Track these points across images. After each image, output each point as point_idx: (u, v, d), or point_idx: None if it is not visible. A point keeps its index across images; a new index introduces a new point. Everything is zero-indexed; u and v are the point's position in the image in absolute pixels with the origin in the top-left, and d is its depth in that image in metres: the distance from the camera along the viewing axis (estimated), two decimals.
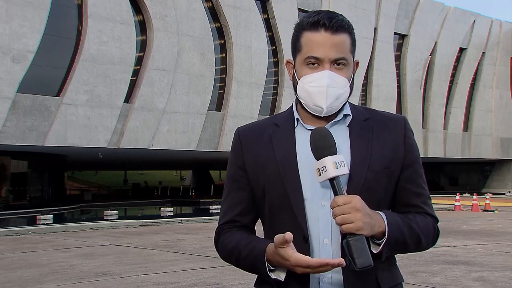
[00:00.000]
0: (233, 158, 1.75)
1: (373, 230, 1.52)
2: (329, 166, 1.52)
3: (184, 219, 17.80)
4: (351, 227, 1.48)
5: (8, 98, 18.06)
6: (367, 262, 1.47)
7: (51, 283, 7.40)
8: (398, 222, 1.59)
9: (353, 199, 1.51)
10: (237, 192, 1.73)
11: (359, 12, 28.73)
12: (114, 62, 20.40)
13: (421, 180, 1.70)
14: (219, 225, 1.76)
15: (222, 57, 24.28)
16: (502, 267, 8.22)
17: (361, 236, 1.49)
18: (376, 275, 1.62)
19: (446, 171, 44.35)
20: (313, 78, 1.62)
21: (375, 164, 1.63)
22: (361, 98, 29.58)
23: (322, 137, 1.56)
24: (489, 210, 21.07)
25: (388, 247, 1.56)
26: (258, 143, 1.71)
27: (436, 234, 1.71)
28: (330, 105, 1.62)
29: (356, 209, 1.49)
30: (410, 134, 1.71)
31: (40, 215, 17.52)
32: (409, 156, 1.69)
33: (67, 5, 20.30)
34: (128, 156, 27.08)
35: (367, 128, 1.67)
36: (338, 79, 1.62)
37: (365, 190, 1.59)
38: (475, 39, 35.61)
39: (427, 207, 1.70)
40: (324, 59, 1.61)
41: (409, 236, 1.61)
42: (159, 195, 39.22)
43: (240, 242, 1.66)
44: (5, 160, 23.41)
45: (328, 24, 1.60)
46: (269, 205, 1.67)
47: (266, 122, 1.76)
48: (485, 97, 36.90)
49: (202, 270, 8.16)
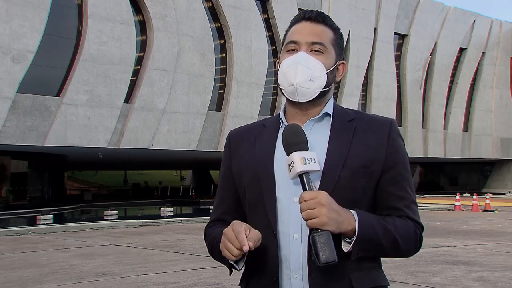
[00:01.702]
0: (223, 159, 1.82)
1: (340, 227, 1.51)
2: (297, 161, 1.53)
3: (184, 219, 17.80)
4: (316, 222, 1.48)
5: (8, 98, 18.06)
6: (331, 258, 1.46)
7: (51, 283, 7.39)
8: (371, 222, 1.56)
9: (319, 194, 1.50)
10: (225, 191, 1.80)
11: (359, 12, 28.74)
12: (114, 62, 20.40)
13: (405, 183, 1.66)
14: (208, 223, 1.83)
15: (222, 57, 24.28)
16: (502, 267, 8.22)
17: (326, 232, 1.48)
18: (350, 275, 1.59)
19: (446, 171, 44.36)
20: (289, 60, 1.67)
21: (352, 163, 1.60)
22: (361, 98, 29.57)
23: (293, 133, 1.58)
24: (489, 210, 21.06)
25: (358, 245, 1.53)
26: (244, 144, 1.75)
27: (418, 240, 1.64)
28: (301, 83, 1.63)
29: (321, 204, 1.49)
30: (395, 136, 1.67)
31: (40, 215, 17.52)
32: (392, 157, 1.64)
33: (67, 5, 20.30)
34: (128, 156, 27.08)
35: (349, 128, 1.67)
36: (312, 61, 1.65)
37: (339, 189, 1.58)
38: (475, 39, 35.60)
39: (409, 211, 1.64)
40: (301, 42, 1.67)
41: (383, 237, 1.56)
42: (159, 195, 39.23)
43: (217, 235, 1.68)
44: (5, 160, 23.41)
45: (309, 15, 1.70)
46: (248, 203, 1.71)
47: (257, 124, 1.81)
48: (485, 97, 36.90)
49: (202, 270, 8.16)
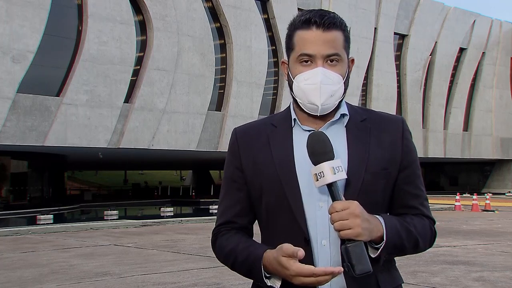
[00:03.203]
0: (230, 158, 1.74)
1: (372, 235, 1.51)
2: (327, 172, 1.51)
3: (184, 219, 17.79)
4: (350, 233, 1.46)
5: (8, 98, 18.06)
6: (366, 268, 1.46)
7: (51, 283, 7.39)
8: (396, 226, 1.58)
9: (352, 204, 1.49)
10: (234, 192, 1.72)
11: (359, 12, 28.73)
12: (114, 62, 20.39)
13: (418, 182, 1.69)
14: (216, 226, 1.75)
15: (222, 57, 24.28)
16: (502, 267, 8.22)
17: (360, 242, 1.47)
18: (377, 277, 1.61)
19: (446, 171, 44.34)
20: (307, 76, 1.61)
21: (373, 166, 1.61)
22: (361, 98, 29.56)
23: (319, 142, 1.55)
24: (489, 210, 21.06)
25: (386, 251, 1.55)
26: (256, 143, 1.70)
27: (433, 236, 1.69)
28: (324, 102, 1.61)
29: (354, 215, 1.47)
30: (408, 135, 1.69)
31: (40, 215, 17.51)
32: (407, 157, 1.67)
33: (67, 5, 20.30)
34: (128, 156, 27.07)
35: (364, 129, 1.66)
36: (332, 75, 1.61)
37: (363, 193, 1.58)
38: (475, 39, 35.60)
39: (424, 208, 1.68)
40: (316, 56, 1.61)
41: (407, 240, 1.60)
42: (159, 195, 39.20)
43: (237, 246, 1.65)
44: (5, 160, 23.41)
45: (319, 22, 1.60)
46: (266, 206, 1.66)
47: (264, 122, 1.75)
48: (485, 97, 36.90)
49: (202, 270, 8.16)
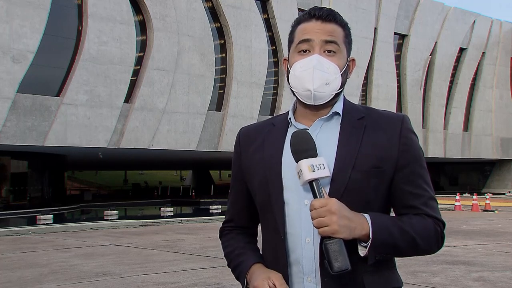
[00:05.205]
0: (234, 158, 1.80)
1: (353, 233, 1.49)
2: (305, 169, 1.52)
3: (184, 219, 17.80)
4: (327, 230, 1.47)
5: (8, 98, 18.06)
6: (344, 266, 1.45)
7: (51, 283, 7.39)
8: (386, 224, 1.54)
9: (329, 202, 1.49)
10: (237, 191, 1.80)
11: (359, 12, 28.72)
12: (114, 62, 20.39)
13: (420, 181, 1.62)
14: (222, 223, 1.86)
15: (222, 57, 24.27)
16: (502, 267, 8.22)
17: (338, 239, 1.47)
18: (363, 278, 1.57)
19: (446, 171, 44.34)
20: (303, 63, 1.63)
21: (363, 164, 1.58)
22: (361, 98, 29.56)
23: (300, 140, 1.56)
24: (489, 210, 21.06)
25: (374, 249, 1.52)
26: (253, 143, 1.73)
27: (440, 237, 1.62)
28: (317, 88, 1.60)
29: (331, 212, 1.47)
30: (407, 133, 1.63)
31: (40, 215, 17.52)
32: (405, 156, 1.61)
33: (67, 5, 20.29)
34: (128, 156, 27.08)
35: (359, 127, 1.63)
36: (327, 63, 1.62)
37: (350, 191, 1.56)
38: (475, 39, 35.60)
39: (427, 208, 1.61)
40: (314, 41, 1.62)
41: (401, 239, 1.54)
42: (159, 195, 39.23)
43: (234, 251, 1.76)
44: (5, 160, 23.40)
45: (318, 14, 1.64)
46: (258, 205, 1.71)
47: (267, 122, 1.78)
48: (485, 97, 36.89)
49: (202, 270, 8.16)
